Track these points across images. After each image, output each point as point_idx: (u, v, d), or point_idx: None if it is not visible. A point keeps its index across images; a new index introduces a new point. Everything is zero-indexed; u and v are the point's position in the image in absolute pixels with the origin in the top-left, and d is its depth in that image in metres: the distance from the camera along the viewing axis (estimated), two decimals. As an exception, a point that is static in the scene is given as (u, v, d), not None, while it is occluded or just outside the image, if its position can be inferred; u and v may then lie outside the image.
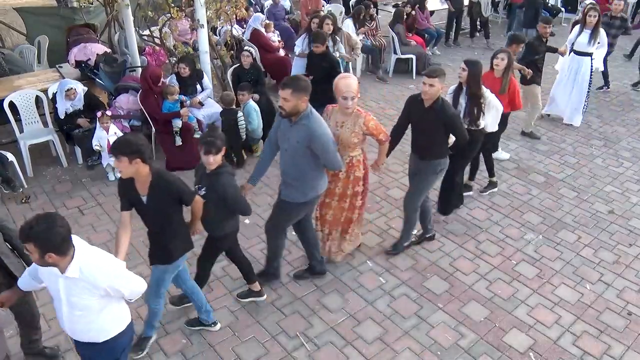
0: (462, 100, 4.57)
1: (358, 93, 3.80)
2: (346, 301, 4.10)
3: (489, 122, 4.64)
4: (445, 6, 10.37)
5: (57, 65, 7.06)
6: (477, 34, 10.77)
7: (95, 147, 5.54)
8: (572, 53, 6.82)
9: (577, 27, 6.77)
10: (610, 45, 7.46)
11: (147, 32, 7.53)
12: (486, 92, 4.53)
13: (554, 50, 6.63)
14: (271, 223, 3.97)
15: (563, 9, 12.25)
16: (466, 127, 4.33)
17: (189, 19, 7.21)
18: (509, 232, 4.91)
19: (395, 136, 4.30)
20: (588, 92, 6.86)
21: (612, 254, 4.67)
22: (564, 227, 5.03)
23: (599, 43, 6.65)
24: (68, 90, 5.67)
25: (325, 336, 3.79)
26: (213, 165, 3.34)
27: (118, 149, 2.93)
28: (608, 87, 8.32)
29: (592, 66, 6.71)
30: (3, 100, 5.74)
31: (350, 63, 6.87)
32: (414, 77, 8.78)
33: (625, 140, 6.78)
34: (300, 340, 3.75)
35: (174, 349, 3.67)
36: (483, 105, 4.48)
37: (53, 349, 3.67)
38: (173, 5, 6.30)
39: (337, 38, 6.27)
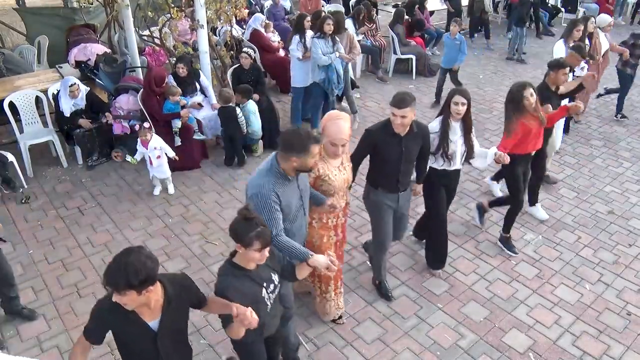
0: (456, 137, 3.91)
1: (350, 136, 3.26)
2: (346, 301, 4.09)
3: (479, 157, 4.13)
4: (445, 7, 10.37)
5: (57, 66, 7.07)
6: (477, 34, 10.77)
7: (129, 160, 5.47)
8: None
9: (561, 43, 6.11)
10: (633, 67, 6.84)
11: (147, 32, 7.53)
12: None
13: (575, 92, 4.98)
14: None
15: (563, 9, 12.26)
16: (455, 168, 4.01)
17: (189, 20, 7.21)
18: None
19: (354, 170, 3.67)
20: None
21: (611, 254, 4.67)
22: (564, 227, 5.03)
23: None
24: (71, 86, 5.64)
25: (325, 336, 3.79)
26: (266, 256, 2.52)
27: (120, 281, 2.03)
28: (621, 116, 7.36)
29: None
30: (3, 100, 5.75)
31: (350, 63, 6.87)
32: (414, 77, 8.80)
33: (625, 141, 6.78)
34: (300, 341, 3.75)
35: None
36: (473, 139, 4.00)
37: (31, 310, 3.77)
38: (173, 5, 6.30)
39: (337, 38, 6.27)
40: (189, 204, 5.35)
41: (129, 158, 5.43)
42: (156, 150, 5.28)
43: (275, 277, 2.68)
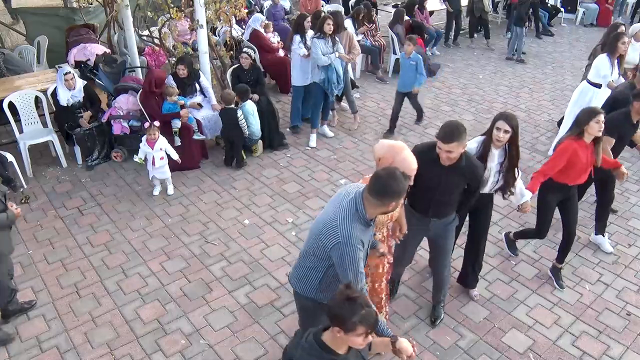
0: (492, 165, 3.57)
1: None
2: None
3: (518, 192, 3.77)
4: (444, 7, 10.38)
5: (56, 66, 7.05)
6: (476, 34, 10.77)
7: (136, 159, 5.41)
8: (586, 83, 5.72)
9: (605, 58, 5.49)
10: None
11: (146, 32, 7.53)
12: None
13: None
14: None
15: (562, 9, 12.27)
16: (500, 194, 3.70)
17: (189, 20, 7.21)
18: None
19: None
20: None
21: (611, 254, 4.67)
22: (563, 227, 5.03)
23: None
24: (66, 74, 5.67)
25: (324, 336, 3.79)
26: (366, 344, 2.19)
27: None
28: None
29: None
30: (3, 100, 5.74)
31: (349, 63, 6.87)
32: (414, 78, 8.80)
33: (625, 141, 6.78)
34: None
35: (173, 350, 3.67)
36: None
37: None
38: (172, 5, 6.30)
39: (337, 39, 6.27)
40: (188, 204, 5.35)
41: (136, 158, 5.40)
42: (161, 151, 5.29)
43: None
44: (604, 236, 4.77)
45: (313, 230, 2.72)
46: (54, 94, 5.80)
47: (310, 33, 6.39)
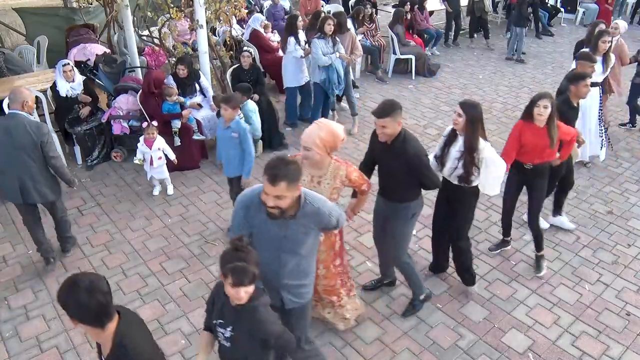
0: (454, 150, 3.67)
1: (325, 145, 3.10)
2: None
3: (488, 183, 3.72)
4: (444, 7, 10.38)
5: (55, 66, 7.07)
6: (476, 34, 10.78)
7: (136, 161, 5.42)
8: None
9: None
10: None
11: (146, 32, 7.53)
12: (485, 146, 3.58)
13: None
14: (298, 343, 2.89)
15: (562, 9, 12.27)
16: (456, 183, 3.72)
17: (188, 20, 7.21)
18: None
19: (365, 175, 3.57)
20: (601, 124, 5.81)
21: (611, 255, 4.68)
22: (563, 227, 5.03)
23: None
24: (65, 65, 5.72)
25: (324, 337, 3.79)
26: (245, 299, 2.31)
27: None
28: (634, 126, 7.08)
29: (601, 97, 5.71)
30: (2, 100, 5.74)
31: (350, 64, 6.87)
32: (414, 77, 8.80)
33: (625, 141, 6.78)
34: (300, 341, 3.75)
35: (173, 350, 3.67)
36: (476, 159, 3.58)
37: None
38: (172, 5, 6.30)
39: (337, 39, 6.27)
40: (188, 204, 5.35)
41: (135, 160, 5.40)
42: (159, 151, 5.29)
43: (231, 329, 2.42)
44: (562, 215, 4.99)
45: None
46: (54, 86, 5.83)
47: (301, 33, 6.38)
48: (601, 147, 5.93)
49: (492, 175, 3.68)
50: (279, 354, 2.87)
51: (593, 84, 5.41)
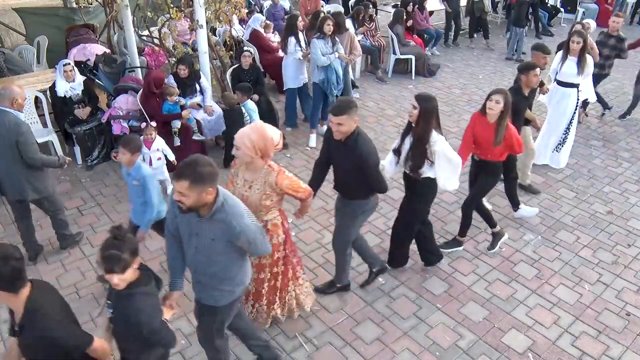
0: (408, 142, 3.77)
1: (254, 147, 3.08)
2: (345, 302, 4.10)
3: (443, 176, 3.76)
4: (444, 7, 10.38)
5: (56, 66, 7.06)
6: (476, 34, 10.78)
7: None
8: (555, 83, 5.76)
9: (560, 54, 5.72)
10: (602, 67, 6.69)
11: (146, 32, 7.53)
12: (437, 139, 3.64)
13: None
14: (204, 337, 3.20)
15: (562, 9, 12.27)
16: (408, 172, 3.84)
17: (188, 20, 7.21)
18: (507, 232, 4.89)
19: (318, 174, 3.79)
20: (568, 128, 5.80)
21: (610, 255, 4.68)
22: (563, 227, 5.04)
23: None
24: (65, 65, 5.72)
25: (324, 337, 3.79)
26: (121, 285, 2.39)
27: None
28: (609, 109, 7.47)
29: (578, 99, 5.68)
30: None
31: (349, 64, 6.87)
32: (413, 77, 8.80)
33: (625, 141, 6.79)
34: (300, 341, 3.75)
35: (173, 349, 3.66)
36: (428, 152, 3.66)
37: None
38: (172, 5, 6.30)
39: (337, 39, 6.27)
40: (188, 204, 5.33)
41: None
42: (158, 152, 5.28)
43: (111, 312, 2.59)
44: (520, 207, 5.06)
45: None
46: (53, 86, 5.82)
47: (300, 33, 6.38)
48: (558, 151, 5.95)
49: (446, 169, 3.74)
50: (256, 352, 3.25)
51: (570, 85, 5.60)
